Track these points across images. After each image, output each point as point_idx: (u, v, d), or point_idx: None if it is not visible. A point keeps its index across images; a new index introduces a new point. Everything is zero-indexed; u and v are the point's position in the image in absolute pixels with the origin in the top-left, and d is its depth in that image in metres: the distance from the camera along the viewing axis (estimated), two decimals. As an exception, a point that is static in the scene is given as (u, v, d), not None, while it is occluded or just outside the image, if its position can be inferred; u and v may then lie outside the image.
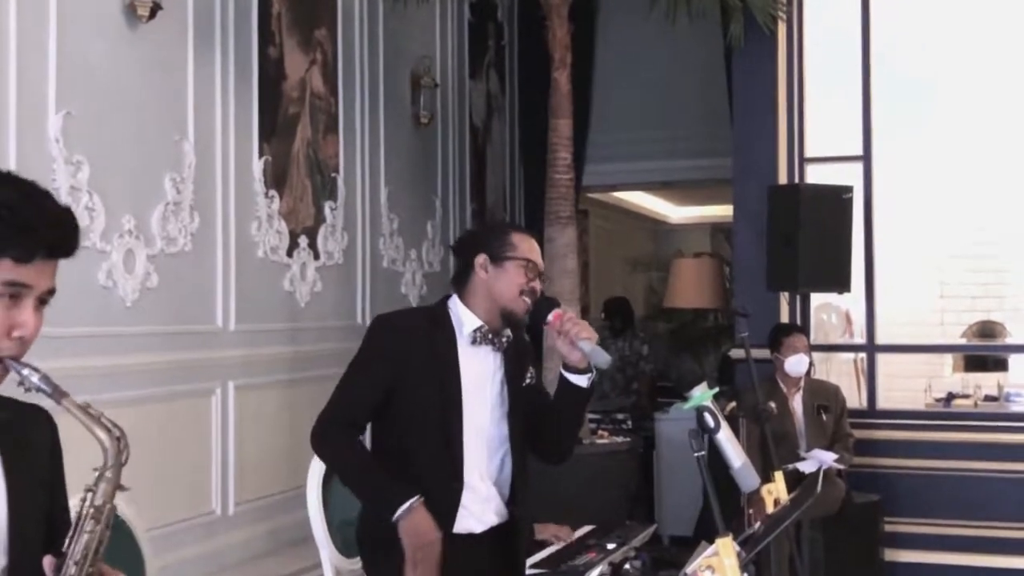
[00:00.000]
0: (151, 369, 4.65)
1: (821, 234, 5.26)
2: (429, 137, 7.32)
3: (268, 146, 5.43)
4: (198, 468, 4.97)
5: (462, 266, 2.71)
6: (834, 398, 5.09)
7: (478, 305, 2.64)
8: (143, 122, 4.61)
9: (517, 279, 2.61)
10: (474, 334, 2.62)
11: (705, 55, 7.41)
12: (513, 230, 2.72)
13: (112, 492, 1.40)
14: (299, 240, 5.71)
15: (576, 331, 2.53)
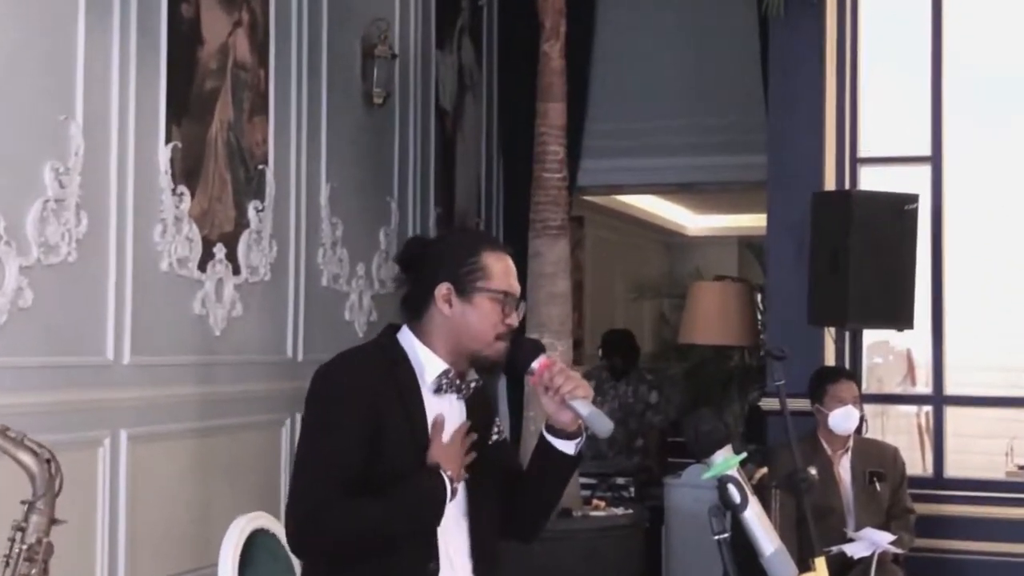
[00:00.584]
0: (20, 412, 4.58)
1: (877, 254, 5.27)
2: (384, 121, 7.31)
3: (178, 130, 5.40)
4: (79, 539, 4.91)
5: (417, 292, 2.66)
6: (891, 463, 5.09)
7: (439, 345, 2.61)
8: (18, 94, 4.58)
9: (491, 317, 2.58)
10: (439, 380, 2.60)
11: (735, 26, 7.44)
12: (485, 248, 2.65)
13: (47, 526, 1.40)
14: (215, 250, 5.67)
15: (569, 388, 2.51)
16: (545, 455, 2.63)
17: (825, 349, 5.70)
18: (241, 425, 5.75)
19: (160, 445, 5.31)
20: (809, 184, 5.68)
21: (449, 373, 2.60)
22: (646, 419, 7.56)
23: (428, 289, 2.61)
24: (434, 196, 7.93)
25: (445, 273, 2.60)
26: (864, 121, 5.92)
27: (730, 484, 1.88)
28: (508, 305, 2.60)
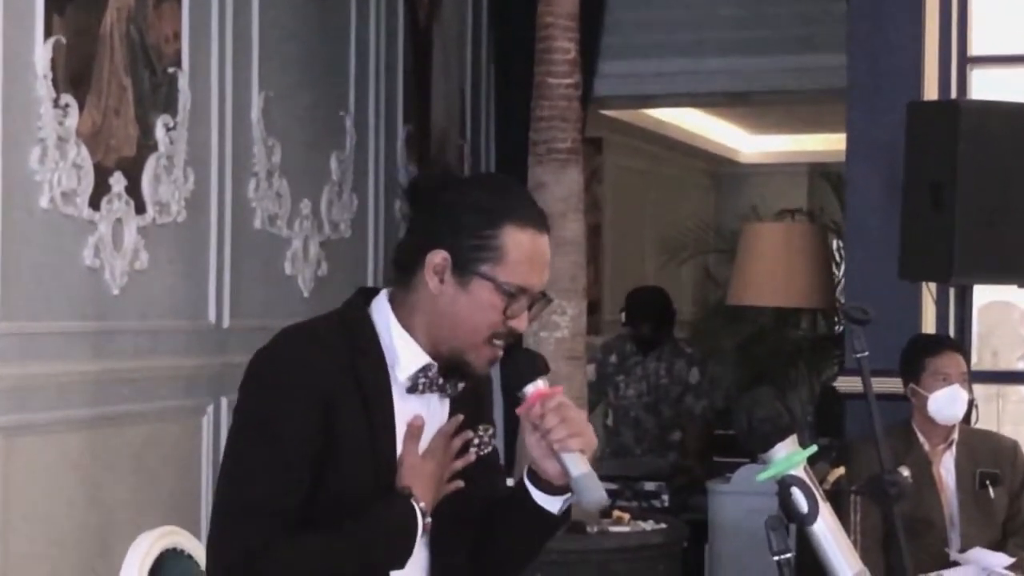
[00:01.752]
0: None
1: (992, 185, 5.26)
2: (336, 10, 7.30)
3: (60, 20, 5.39)
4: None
5: (409, 249, 2.60)
6: (1009, 461, 5.10)
7: (420, 328, 2.57)
8: None
9: (488, 314, 2.52)
10: (416, 378, 2.56)
11: None
12: (511, 219, 2.53)
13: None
14: (111, 181, 5.68)
15: (561, 435, 2.46)
16: (521, 505, 2.60)
17: (923, 312, 5.71)
18: (147, 412, 5.76)
19: (40, 438, 5.33)
20: (904, 92, 5.67)
21: (430, 370, 2.56)
22: (685, 405, 7.58)
23: (420, 251, 2.54)
24: (402, 109, 7.92)
25: (448, 236, 2.53)
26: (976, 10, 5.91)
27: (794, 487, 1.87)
28: (517, 304, 2.53)
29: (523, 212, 2.57)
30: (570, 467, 2.46)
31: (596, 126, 9.26)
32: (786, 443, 1.93)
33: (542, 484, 2.54)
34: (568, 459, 2.46)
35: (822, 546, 1.94)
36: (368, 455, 2.52)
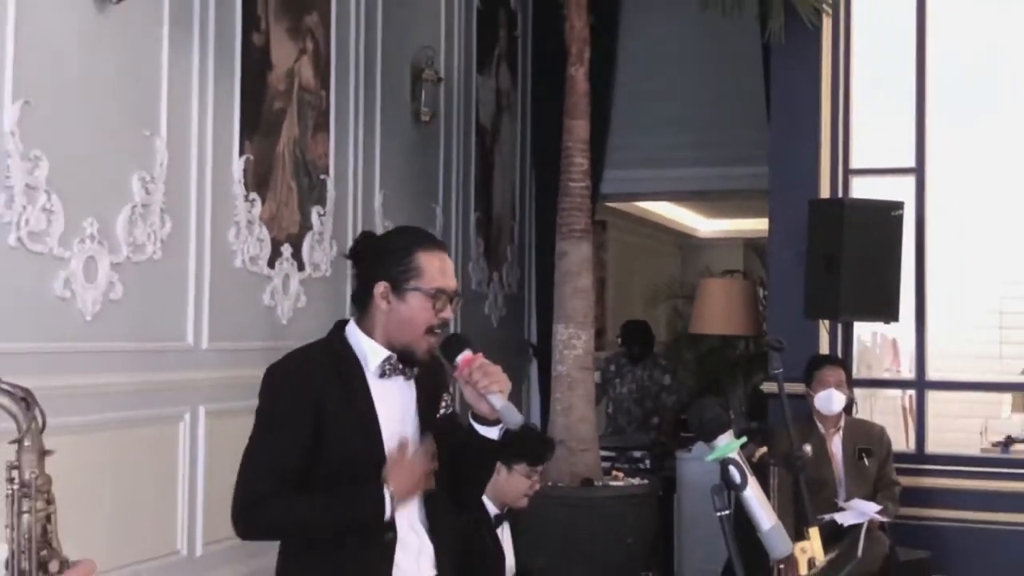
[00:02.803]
0: (112, 391, 4.61)
1: (867, 255, 5.22)
2: (431, 137, 7.29)
3: (250, 144, 5.40)
4: (162, 503, 4.92)
5: (360, 288, 2.59)
6: (878, 440, 5.04)
7: (380, 335, 2.54)
8: (110, 114, 4.58)
9: (423, 314, 2.50)
10: (383, 366, 2.53)
11: (740, 52, 7.37)
12: (420, 248, 2.54)
13: (39, 460, 1.36)
14: (282, 249, 5.67)
15: (485, 384, 2.43)
16: (472, 439, 2.54)
17: (820, 339, 5.65)
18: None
19: (233, 420, 5.29)
20: (806, 192, 5.63)
21: (392, 359, 2.53)
22: (661, 400, 7.52)
23: (369, 286, 2.55)
24: (474, 202, 7.91)
25: (383, 272, 2.52)
26: (855, 136, 5.87)
27: (731, 466, 1.84)
28: (440, 301, 2.51)
29: (427, 241, 2.62)
30: (495, 403, 2.44)
31: (603, 213, 9.22)
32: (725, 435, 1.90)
33: (480, 421, 2.50)
34: (493, 399, 2.44)
35: (750, 506, 1.91)
36: (356, 425, 2.49)
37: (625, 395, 7.56)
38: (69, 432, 4.14)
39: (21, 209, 4.10)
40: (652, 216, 12.03)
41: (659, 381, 7.55)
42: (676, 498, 6.48)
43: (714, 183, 8.67)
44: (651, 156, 8.49)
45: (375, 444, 2.48)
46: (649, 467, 6.35)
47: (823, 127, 5.78)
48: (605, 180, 8.12)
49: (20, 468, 1.37)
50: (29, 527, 1.36)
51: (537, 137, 8.46)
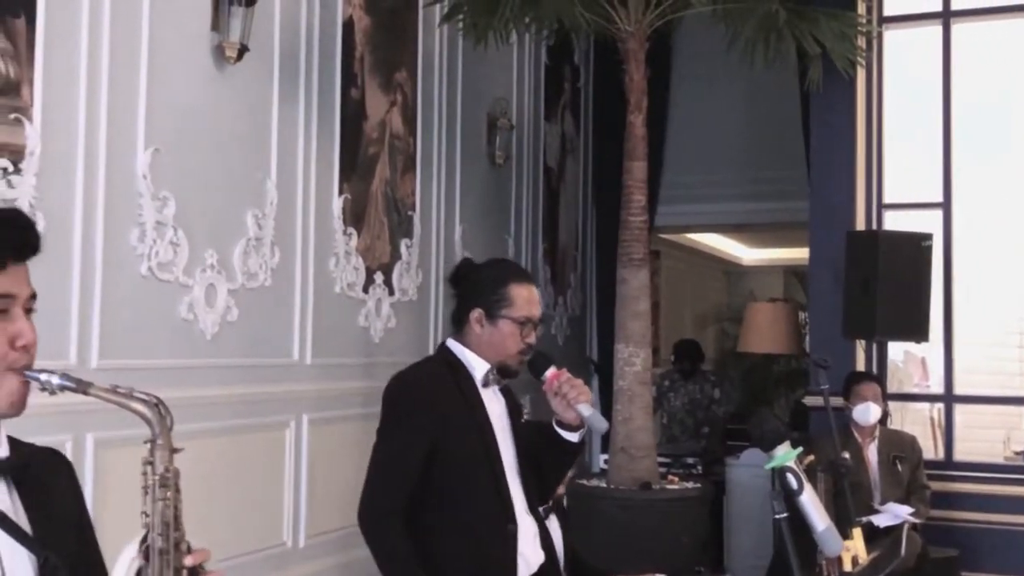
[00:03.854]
0: (229, 401, 4.68)
1: (900, 281, 5.14)
2: (504, 177, 7.33)
3: (348, 185, 5.47)
4: (271, 500, 4.98)
5: (459, 312, 2.63)
6: (910, 448, 4.94)
7: (476, 351, 2.60)
8: (228, 160, 4.68)
9: (512, 339, 2.55)
10: (486, 376, 2.59)
11: (783, 97, 7.33)
12: (511, 281, 2.59)
13: (170, 457, 1.40)
14: (375, 276, 5.73)
15: (574, 395, 2.48)
16: (554, 442, 2.58)
17: (856, 357, 5.56)
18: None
19: (333, 427, 5.36)
20: (843, 224, 5.56)
21: (492, 371, 2.59)
22: (711, 411, 7.44)
23: (466, 312, 2.59)
24: (542, 234, 7.92)
25: (478, 300, 2.57)
26: (888, 174, 5.79)
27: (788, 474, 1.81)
28: (527, 328, 2.56)
29: (517, 273, 2.67)
30: (583, 411, 2.49)
31: (656, 244, 9.17)
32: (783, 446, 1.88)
33: (565, 427, 2.54)
34: (580, 408, 2.48)
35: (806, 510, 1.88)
36: (472, 425, 2.51)
37: (678, 407, 7.49)
38: (192, 438, 4.19)
39: (152, 243, 4.20)
40: (700, 246, 11.93)
41: (709, 395, 7.47)
42: (725, 500, 6.41)
43: (758, 216, 8.59)
44: (700, 192, 8.44)
45: (491, 439, 2.53)
46: (701, 472, 6.28)
47: (858, 165, 5.71)
48: (659, 214, 8.09)
49: (154, 463, 1.41)
50: (163, 512, 1.39)
51: (597, 176, 8.46)
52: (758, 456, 6.40)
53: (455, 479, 2.49)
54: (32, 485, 1.45)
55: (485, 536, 2.48)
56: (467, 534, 2.48)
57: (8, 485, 1.42)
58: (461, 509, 2.49)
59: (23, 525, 1.42)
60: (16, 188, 3.55)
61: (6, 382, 1.37)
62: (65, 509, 1.50)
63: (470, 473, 2.49)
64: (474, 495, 2.49)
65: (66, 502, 1.52)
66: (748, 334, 6.86)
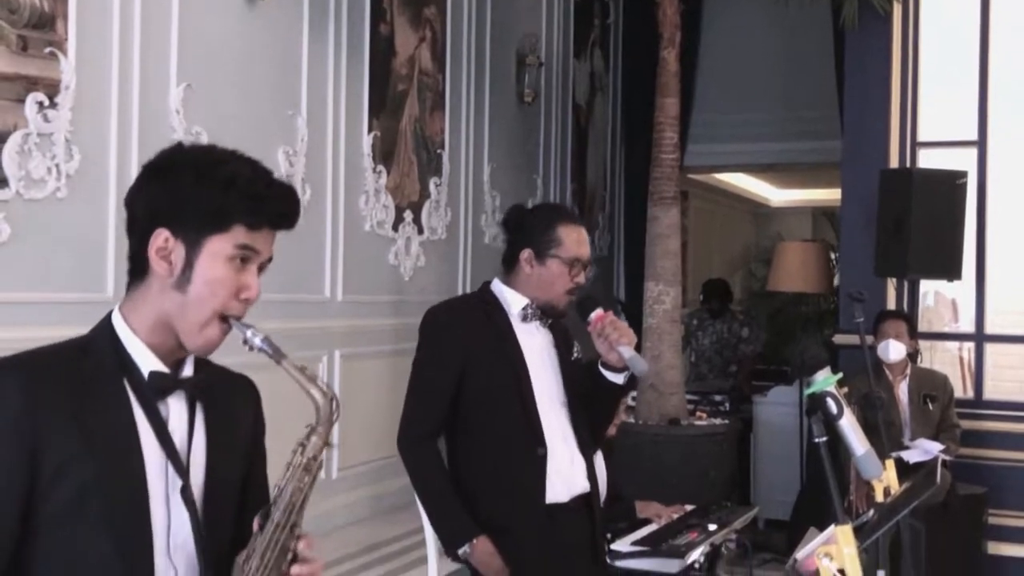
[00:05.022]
0: (262, 337, 4.73)
1: (932, 220, 5.08)
2: (532, 115, 7.29)
3: (377, 122, 5.46)
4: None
5: (510, 252, 2.67)
6: (942, 387, 4.92)
7: (522, 290, 2.64)
8: (259, 97, 4.67)
9: (561, 279, 2.59)
10: (524, 311, 2.62)
11: (815, 35, 7.21)
12: (560, 223, 2.63)
13: (322, 447, 1.44)
14: (404, 215, 5.74)
15: (616, 337, 2.50)
16: (599, 384, 2.62)
17: (888, 296, 5.53)
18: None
19: (364, 362, 5.41)
20: (877, 163, 5.49)
21: (531, 305, 2.62)
22: (739, 350, 7.43)
23: (516, 251, 2.63)
24: (570, 174, 7.89)
25: (529, 241, 2.61)
26: (923, 112, 5.70)
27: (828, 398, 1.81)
28: (575, 268, 2.60)
29: (567, 216, 2.71)
30: (624, 353, 2.51)
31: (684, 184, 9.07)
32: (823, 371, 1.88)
33: (609, 368, 2.58)
34: (623, 350, 2.51)
35: (845, 434, 1.89)
36: (503, 360, 2.57)
37: (707, 346, 7.49)
38: (227, 371, 4.25)
39: (186, 178, 4.21)
40: (729, 187, 11.85)
41: (737, 333, 7.46)
42: (752, 437, 6.44)
43: (789, 156, 8.52)
44: (730, 132, 8.35)
45: (521, 367, 2.58)
46: (728, 410, 6.30)
47: (893, 103, 5.62)
48: (688, 153, 8.01)
49: (306, 447, 1.46)
50: (294, 495, 1.44)
51: (627, 114, 8.40)
52: (785, 394, 6.42)
53: (485, 406, 2.57)
54: (215, 406, 1.53)
55: (513, 460, 2.55)
56: (496, 458, 2.56)
57: (185, 403, 1.48)
58: (490, 435, 2.56)
59: (200, 444, 1.49)
60: (52, 122, 3.56)
61: (212, 326, 1.45)
62: (240, 435, 1.57)
63: (499, 400, 2.56)
64: (503, 422, 2.56)
65: (243, 428, 1.58)
66: (778, 273, 6.82)
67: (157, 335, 1.46)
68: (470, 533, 2.49)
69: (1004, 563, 5.09)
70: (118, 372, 1.43)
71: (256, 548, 1.43)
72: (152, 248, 1.45)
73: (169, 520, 1.43)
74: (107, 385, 1.42)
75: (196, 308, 1.43)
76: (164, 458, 1.43)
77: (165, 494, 1.43)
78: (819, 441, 1.63)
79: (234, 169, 1.47)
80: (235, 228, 1.45)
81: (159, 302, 1.45)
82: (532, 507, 2.51)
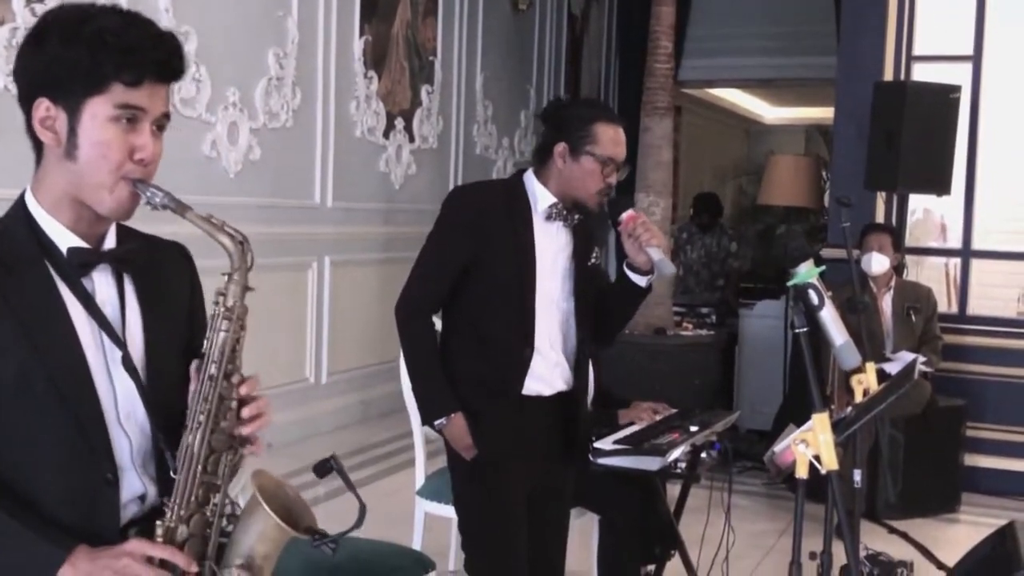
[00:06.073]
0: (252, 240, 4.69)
1: (924, 134, 5.04)
2: (526, 24, 7.19)
3: (368, 26, 5.39)
4: (294, 338, 5.08)
5: (544, 145, 2.62)
6: (925, 300, 4.95)
7: (552, 186, 2.59)
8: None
9: (593, 177, 2.53)
10: (549, 210, 2.58)
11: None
12: (598, 119, 2.55)
13: (241, 293, 1.45)
14: (395, 122, 5.70)
15: (646, 237, 2.47)
16: (623, 284, 2.59)
17: (877, 210, 5.53)
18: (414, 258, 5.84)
19: (354, 270, 5.43)
20: (871, 76, 5.43)
21: (557, 205, 2.57)
22: (727, 264, 7.46)
23: (550, 145, 2.57)
24: (564, 84, 7.82)
25: (564, 135, 2.55)
26: (919, 25, 5.63)
27: (810, 290, 1.82)
28: (608, 167, 2.53)
29: (606, 113, 2.61)
30: (653, 254, 2.48)
31: (678, 99, 9.04)
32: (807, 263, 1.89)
33: (634, 268, 2.55)
34: (651, 251, 2.47)
35: (825, 325, 1.91)
36: (511, 257, 2.53)
37: (695, 260, 7.51)
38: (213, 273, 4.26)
39: (174, 78, 4.17)
40: (722, 102, 11.75)
41: (726, 248, 7.48)
42: (737, 349, 6.49)
43: (784, 71, 8.43)
44: (725, 46, 8.25)
45: (528, 269, 2.55)
46: (715, 322, 6.33)
47: (889, 17, 5.55)
48: (683, 68, 7.94)
49: (226, 296, 1.45)
50: (223, 343, 1.44)
51: (622, 25, 8.29)
52: (771, 308, 6.46)
53: (484, 297, 2.56)
54: (145, 276, 1.51)
55: (499, 354, 2.56)
56: (483, 348, 2.57)
57: (112, 276, 1.48)
58: (483, 325, 2.56)
59: (134, 315, 1.49)
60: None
61: (118, 189, 1.41)
62: (177, 303, 1.56)
63: (499, 295, 2.56)
64: (498, 316, 2.56)
65: (179, 297, 1.57)
66: (769, 187, 6.81)
67: (69, 210, 1.44)
68: (449, 408, 2.52)
69: (980, 474, 5.18)
70: (38, 252, 1.42)
71: (193, 402, 1.44)
72: (35, 119, 1.42)
73: (114, 390, 1.45)
74: (28, 266, 1.41)
75: (91, 174, 1.40)
76: (97, 331, 1.44)
77: (105, 365, 1.44)
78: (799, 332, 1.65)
79: (102, 24, 1.40)
80: (112, 87, 1.39)
81: (58, 175, 1.42)
82: (506, 397, 2.54)
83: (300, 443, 4.76)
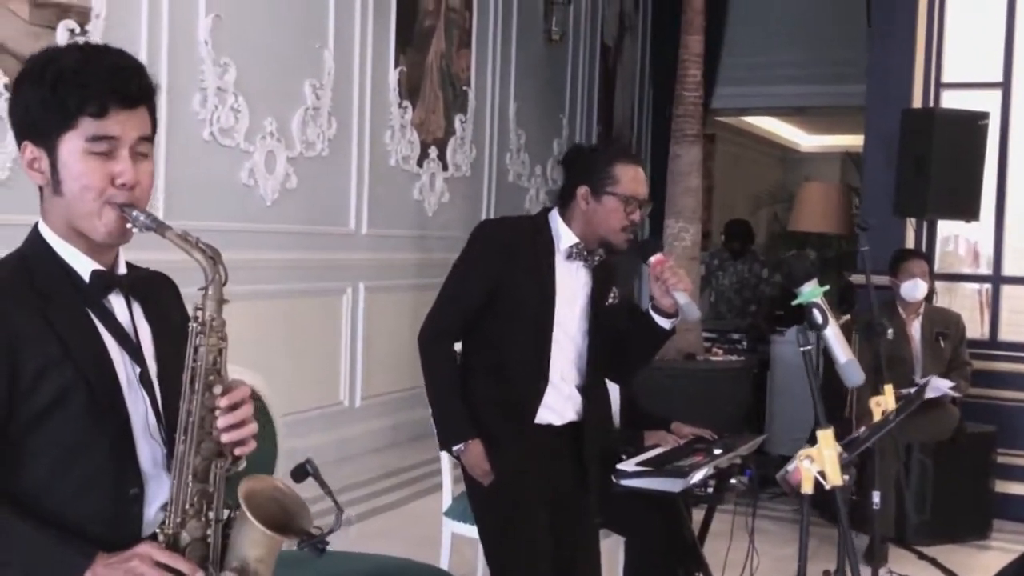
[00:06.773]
0: (289, 266, 4.82)
1: (953, 160, 5.04)
2: (559, 55, 7.27)
3: (404, 57, 5.49)
4: (329, 362, 5.16)
5: (566, 187, 2.70)
6: (954, 325, 4.92)
7: (576, 227, 2.66)
8: (286, 29, 4.72)
9: (616, 216, 2.59)
10: (570, 249, 2.65)
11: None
12: (618, 160, 2.62)
13: (218, 306, 1.50)
14: (429, 151, 5.79)
15: (673, 281, 2.52)
16: (647, 324, 2.64)
17: (907, 236, 5.52)
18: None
19: (387, 295, 5.50)
20: (901, 103, 5.44)
21: (579, 245, 2.64)
22: (759, 290, 7.46)
23: (573, 187, 2.65)
24: (596, 114, 7.89)
25: (586, 177, 2.63)
26: (948, 53, 5.63)
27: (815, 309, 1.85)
28: (631, 206, 2.60)
29: (625, 154, 2.69)
30: (679, 299, 2.52)
31: (712, 127, 9.10)
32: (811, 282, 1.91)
33: (660, 313, 2.59)
34: (677, 295, 2.52)
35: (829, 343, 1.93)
36: (535, 287, 2.59)
37: (727, 287, 7.52)
38: (251, 299, 4.37)
39: (213, 108, 4.28)
40: (757, 130, 11.78)
41: (758, 273, 7.48)
42: (769, 375, 6.47)
43: (817, 99, 8.46)
44: (759, 74, 8.29)
45: (548, 304, 2.62)
46: (745, 348, 6.33)
47: (918, 44, 5.56)
48: (716, 96, 7.99)
49: (203, 311, 1.50)
50: (202, 357, 1.49)
51: (655, 55, 8.36)
52: (804, 334, 6.46)
53: (504, 328, 2.62)
54: (147, 300, 1.59)
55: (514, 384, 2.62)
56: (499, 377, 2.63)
57: (126, 300, 1.56)
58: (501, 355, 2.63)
59: (146, 335, 1.57)
60: (83, 50, 3.63)
61: (105, 215, 1.48)
62: (175, 325, 1.62)
63: (518, 327, 2.61)
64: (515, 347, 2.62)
65: (175, 320, 1.65)
66: (799, 213, 6.81)
67: (78, 238, 1.51)
68: (466, 434, 2.58)
69: (1011, 501, 5.13)
70: (64, 277, 1.50)
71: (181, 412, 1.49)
72: (24, 163, 1.50)
73: (144, 403, 1.52)
74: (59, 291, 1.49)
75: (77, 205, 1.47)
76: (118, 349, 1.52)
77: (128, 381, 1.52)
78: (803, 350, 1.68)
79: (62, 64, 1.45)
80: (81, 121, 1.44)
81: (56, 210, 1.50)
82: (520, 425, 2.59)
83: (334, 464, 4.82)
